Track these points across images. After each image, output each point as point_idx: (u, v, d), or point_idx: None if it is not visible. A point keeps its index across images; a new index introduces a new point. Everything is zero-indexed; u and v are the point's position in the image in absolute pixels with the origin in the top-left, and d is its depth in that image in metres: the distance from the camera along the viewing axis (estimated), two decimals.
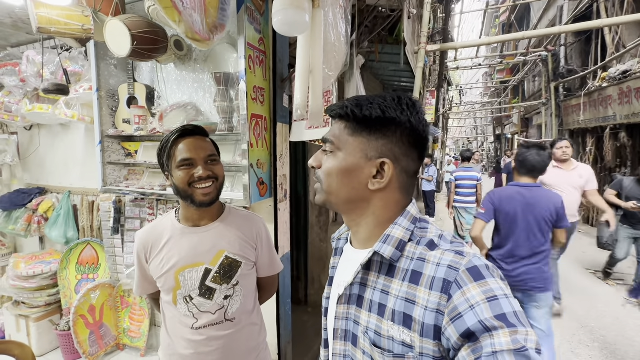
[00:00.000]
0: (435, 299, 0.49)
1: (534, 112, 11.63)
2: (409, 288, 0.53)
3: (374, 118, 0.56)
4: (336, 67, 1.59)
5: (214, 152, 1.05)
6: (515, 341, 0.42)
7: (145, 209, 2.12)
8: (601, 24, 4.19)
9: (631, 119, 5.51)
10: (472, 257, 0.50)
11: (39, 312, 2.43)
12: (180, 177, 0.99)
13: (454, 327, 0.46)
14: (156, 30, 1.55)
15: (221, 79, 1.74)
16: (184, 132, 1.01)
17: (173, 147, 1.01)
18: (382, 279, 0.57)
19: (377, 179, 0.57)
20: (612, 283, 4.06)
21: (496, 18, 16.21)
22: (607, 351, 2.71)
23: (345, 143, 0.59)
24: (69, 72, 2.25)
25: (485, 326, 0.43)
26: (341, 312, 0.62)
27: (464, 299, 0.46)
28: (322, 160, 0.62)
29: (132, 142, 2.21)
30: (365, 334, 0.57)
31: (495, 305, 0.45)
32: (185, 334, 1.06)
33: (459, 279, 0.48)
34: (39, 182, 2.82)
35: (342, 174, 0.59)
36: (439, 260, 0.52)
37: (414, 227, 0.58)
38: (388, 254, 0.56)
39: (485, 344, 0.43)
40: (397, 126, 0.56)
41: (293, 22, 1.12)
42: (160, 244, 1.06)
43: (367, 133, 0.57)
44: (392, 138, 0.56)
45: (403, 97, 0.57)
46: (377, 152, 0.57)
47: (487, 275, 0.48)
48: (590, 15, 6.82)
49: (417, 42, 3.77)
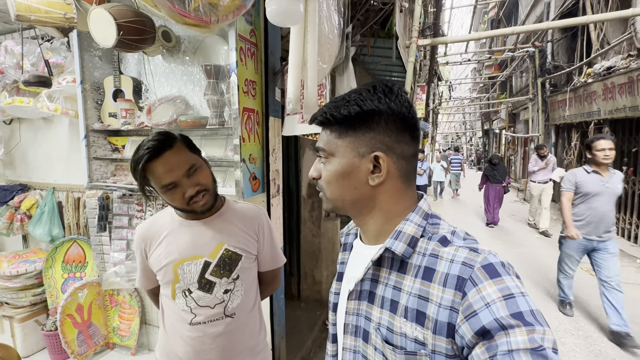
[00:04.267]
0: (449, 296, 0.48)
1: (521, 108, 11.84)
2: (422, 285, 0.52)
3: (353, 115, 0.55)
4: (329, 60, 1.56)
5: (192, 161, 0.96)
6: (532, 340, 0.41)
7: (133, 205, 2.06)
8: (587, 21, 4.27)
9: (614, 114, 5.66)
10: (487, 254, 0.49)
11: (23, 312, 2.36)
12: (171, 199, 0.96)
13: (469, 325, 0.45)
14: (143, 20, 1.49)
15: (211, 71, 1.70)
16: (151, 154, 0.90)
17: (147, 173, 0.92)
18: (394, 275, 0.56)
19: (375, 174, 0.56)
20: (594, 274, 4.19)
21: (485, 14, 16.37)
22: (591, 339, 2.80)
23: (336, 147, 0.58)
24: (50, 63, 2.15)
25: (501, 324, 0.43)
26: (352, 308, 0.62)
27: (479, 296, 0.46)
28: (320, 169, 0.61)
29: (118, 136, 2.14)
30: (377, 330, 0.56)
31: (511, 303, 0.44)
32: (183, 331, 1.04)
33: (473, 276, 0.47)
34: (20, 179, 2.72)
35: (340, 177, 0.58)
36: (452, 257, 0.51)
37: (426, 222, 0.57)
38: (400, 250, 0.55)
39: (501, 342, 0.42)
40: (379, 115, 0.55)
41: (287, 12, 1.09)
42: (160, 237, 1.04)
43: (353, 131, 0.56)
44: (378, 129, 0.55)
45: (377, 85, 0.56)
46: (368, 147, 0.56)
47: (502, 273, 0.47)
48: (576, 11, 6.95)
49: (409, 36, 3.77)
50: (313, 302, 3.23)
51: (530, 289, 3.75)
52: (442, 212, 8.12)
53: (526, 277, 4.08)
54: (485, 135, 21.44)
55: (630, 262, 4.56)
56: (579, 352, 2.64)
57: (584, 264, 4.48)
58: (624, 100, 5.32)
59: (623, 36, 5.43)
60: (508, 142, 14.39)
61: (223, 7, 1.09)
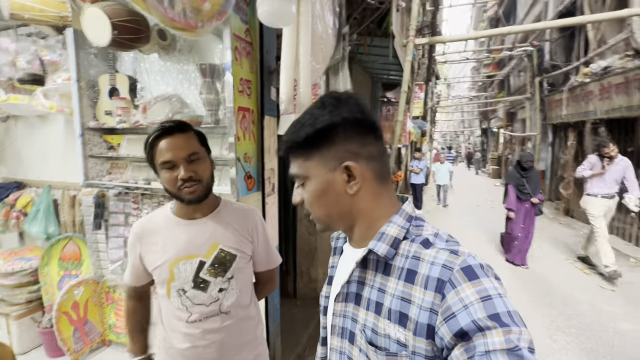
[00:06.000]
0: (430, 298, 0.49)
1: (519, 107, 11.87)
2: (405, 287, 0.53)
3: (312, 135, 0.56)
4: (324, 60, 1.57)
5: (196, 150, 1.01)
6: (508, 340, 0.42)
7: (129, 203, 2.07)
8: (584, 20, 4.29)
9: (610, 114, 5.69)
10: (466, 257, 0.50)
11: (19, 310, 2.36)
12: (165, 178, 0.98)
13: (447, 327, 0.46)
14: (138, 19, 1.49)
15: (207, 70, 1.70)
16: (162, 132, 0.98)
17: (154, 148, 0.98)
18: (379, 277, 0.58)
19: (351, 182, 0.57)
20: (588, 272, 4.24)
21: (484, 12, 16.34)
22: (582, 337, 2.84)
23: (307, 169, 0.59)
24: (46, 61, 2.15)
25: (478, 326, 0.44)
26: (339, 310, 0.63)
27: (457, 298, 0.47)
28: (301, 194, 0.62)
29: (114, 134, 2.14)
30: (363, 332, 0.57)
31: (488, 305, 0.45)
32: (181, 328, 1.06)
33: (452, 279, 0.48)
34: (16, 176, 2.71)
35: (320, 196, 0.59)
36: (433, 259, 0.52)
37: (409, 224, 0.58)
38: (382, 251, 0.56)
39: (478, 343, 0.43)
40: (336, 128, 0.56)
41: (279, 13, 1.09)
42: (155, 236, 1.05)
43: (317, 150, 0.57)
44: (339, 140, 0.56)
45: (325, 99, 0.57)
46: (336, 159, 0.57)
47: (481, 275, 0.48)
48: (574, 11, 6.96)
49: (406, 35, 3.77)
50: (309, 300, 3.25)
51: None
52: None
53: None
54: (483, 134, 21.49)
55: (624, 261, 4.61)
56: (571, 349, 2.68)
57: (577, 263, 4.54)
58: (620, 100, 5.34)
59: (620, 36, 5.45)
60: (506, 140, 14.43)
61: (206, 12, 1.11)
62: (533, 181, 4.30)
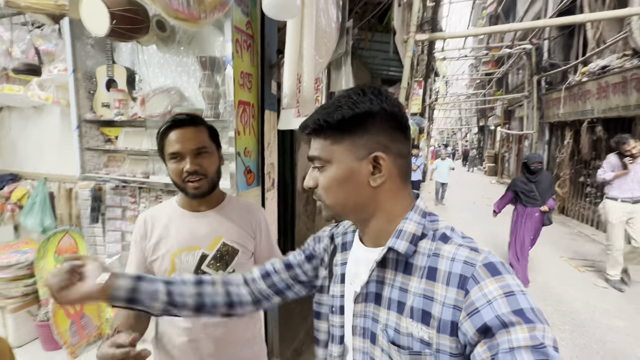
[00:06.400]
0: (452, 295, 0.49)
1: (517, 105, 11.90)
2: (427, 285, 0.53)
3: (348, 118, 0.54)
4: (326, 54, 1.55)
5: (205, 144, 1.01)
6: (533, 337, 0.42)
7: (127, 197, 2.04)
8: (583, 19, 4.29)
9: (607, 113, 5.72)
10: (487, 254, 0.51)
11: (15, 303, 2.34)
12: (172, 169, 0.99)
13: (471, 322, 0.46)
14: (137, 8, 1.46)
15: (206, 63, 1.67)
16: (173, 123, 0.99)
17: (164, 138, 1.00)
18: (399, 277, 0.57)
19: (376, 174, 0.56)
20: (582, 269, 4.29)
21: (484, 9, 16.29)
22: (576, 333, 2.88)
23: (332, 153, 0.57)
24: (41, 51, 2.10)
25: (502, 321, 0.43)
26: (359, 311, 0.62)
27: (481, 293, 0.47)
28: (316, 178, 0.60)
29: (112, 127, 2.10)
30: (384, 332, 0.57)
31: (512, 300, 0.45)
32: (179, 321, 1.05)
33: (475, 274, 0.48)
34: (11, 168, 2.67)
35: (341, 183, 0.57)
36: (453, 255, 0.52)
37: (425, 220, 0.58)
38: (402, 248, 0.55)
39: (502, 340, 0.43)
40: (373, 117, 0.55)
41: (283, 5, 1.07)
42: (160, 227, 1.06)
43: (349, 135, 0.56)
44: (374, 130, 0.55)
45: (365, 87, 0.56)
46: (366, 149, 0.55)
47: (503, 272, 0.48)
48: (574, 9, 6.95)
49: (407, 30, 3.75)
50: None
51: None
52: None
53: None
54: (481, 132, 21.56)
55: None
56: (565, 345, 2.72)
57: (572, 260, 4.59)
58: (617, 99, 5.37)
59: (618, 35, 5.46)
60: (503, 138, 14.49)
61: (209, 2, 1.10)
62: (543, 186, 3.63)
